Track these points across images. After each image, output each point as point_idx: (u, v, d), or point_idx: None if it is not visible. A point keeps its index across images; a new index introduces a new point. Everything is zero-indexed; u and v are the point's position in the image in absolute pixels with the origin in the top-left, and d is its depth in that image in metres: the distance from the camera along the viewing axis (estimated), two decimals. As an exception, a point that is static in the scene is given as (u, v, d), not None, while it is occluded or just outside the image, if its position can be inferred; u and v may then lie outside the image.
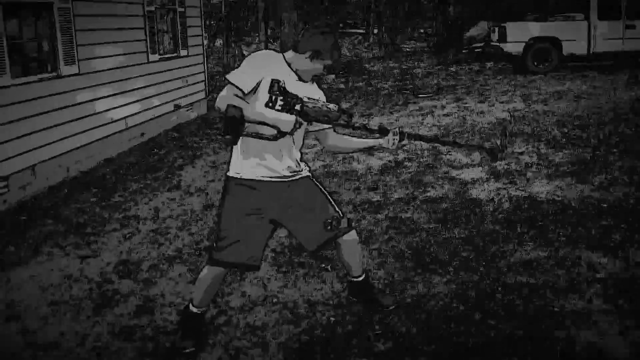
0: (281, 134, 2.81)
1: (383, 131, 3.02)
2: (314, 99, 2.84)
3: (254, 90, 2.80)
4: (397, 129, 3.02)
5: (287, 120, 2.77)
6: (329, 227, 3.01)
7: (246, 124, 2.77)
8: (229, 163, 3.01)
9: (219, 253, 2.97)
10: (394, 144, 3.01)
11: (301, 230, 3.06)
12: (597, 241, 4.17)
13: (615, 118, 8.36)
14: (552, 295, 3.45)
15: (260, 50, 3.56)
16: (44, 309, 3.68)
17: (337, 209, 3.09)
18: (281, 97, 2.77)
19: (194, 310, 3.17)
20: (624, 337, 3.01)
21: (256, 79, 2.80)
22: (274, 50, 3.07)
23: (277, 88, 2.77)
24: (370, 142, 3.10)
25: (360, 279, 3.35)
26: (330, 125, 3.01)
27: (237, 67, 2.89)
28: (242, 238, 2.93)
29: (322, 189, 3.12)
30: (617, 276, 3.65)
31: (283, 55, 2.95)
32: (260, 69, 2.83)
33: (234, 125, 2.71)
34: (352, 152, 2.96)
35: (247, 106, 2.74)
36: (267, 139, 2.83)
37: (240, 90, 2.79)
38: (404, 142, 3.03)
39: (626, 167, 5.95)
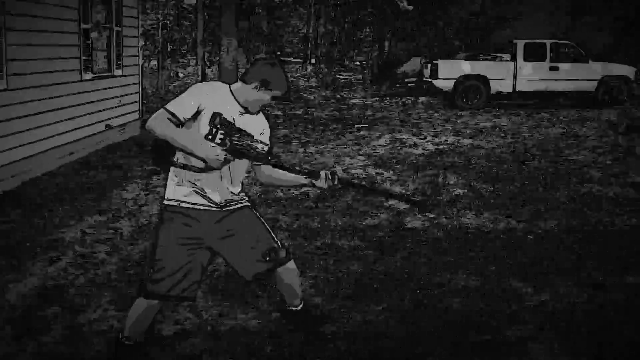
0: (209, 168, 2.79)
1: (314, 174, 3.02)
2: (246, 136, 2.81)
3: (193, 118, 2.78)
4: (328, 171, 3.02)
5: (215, 156, 2.72)
6: (267, 258, 2.98)
7: (176, 153, 2.74)
8: (164, 190, 2.94)
9: (154, 285, 2.86)
10: (328, 184, 3.01)
11: (238, 260, 3.01)
12: (525, 271, 4.33)
13: (539, 153, 8.80)
14: (485, 323, 3.54)
15: (197, 78, 3.53)
16: (-41, 336, 3.44)
17: (275, 239, 3.07)
18: (222, 131, 2.78)
19: (125, 342, 3.05)
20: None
21: (195, 107, 2.77)
22: (221, 81, 3.06)
23: (218, 121, 2.78)
24: (303, 180, 3.06)
25: (299, 308, 3.33)
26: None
27: (175, 96, 2.84)
28: (178, 269, 2.84)
29: (261, 218, 3.10)
30: (545, 305, 3.80)
31: (229, 87, 2.93)
32: (202, 98, 2.81)
33: (161, 155, 2.73)
34: (286, 187, 2.95)
35: (178, 133, 2.71)
36: (195, 170, 2.80)
37: (176, 117, 2.74)
38: (336, 185, 3.04)
39: (551, 200, 6.26)
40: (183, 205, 2.88)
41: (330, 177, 3.00)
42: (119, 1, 9.76)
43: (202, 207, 2.90)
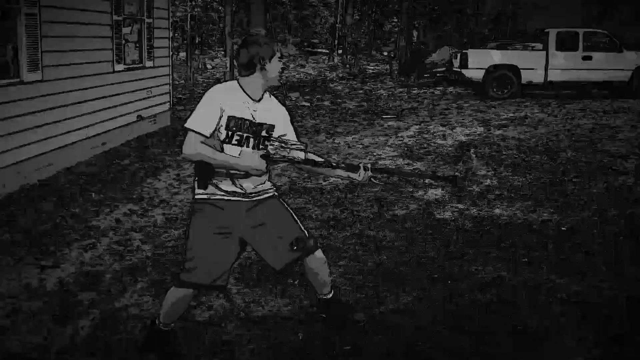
0: (249, 175, 2.89)
1: (353, 168, 3.04)
2: (282, 144, 2.88)
3: (217, 128, 2.85)
4: (368, 165, 3.04)
5: (258, 167, 2.84)
6: (295, 248, 3.02)
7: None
8: (194, 182, 2.99)
9: (187, 274, 2.92)
10: (365, 178, 3.04)
11: (267, 250, 3.05)
12: (558, 263, 4.29)
13: (572, 144, 8.66)
14: (517, 314, 3.53)
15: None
16: (2, 319, 3.55)
17: (302, 229, 3.09)
18: (237, 133, 2.87)
19: (161, 327, 3.13)
20: (585, 356, 3.10)
21: (216, 119, 2.83)
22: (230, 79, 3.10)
23: (233, 124, 2.86)
24: (341, 172, 3.08)
25: (329, 296, 3.36)
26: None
27: (193, 109, 2.88)
28: (209, 259, 2.90)
29: (288, 208, 3.13)
30: (577, 297, 3.76)
31: (238, 82, 2.96)
32: (219, 105, 2.85)
33: (205, 174, 2.85)
34: (321, 175, 3.00)
35: (216, 154, 2.82)
36: (239, 176, 2.91)
37: (203, 135, 2.81)
38: (373, 176, 3.07)
39: (583, 191, 6.16)
40: (213, 197, 2.94)
41: (368, 170, 3.03)
42: (149, -7, 9.87)
43: (232, 198, 2.95)
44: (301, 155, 2.92)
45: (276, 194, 3.13)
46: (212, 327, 3.46)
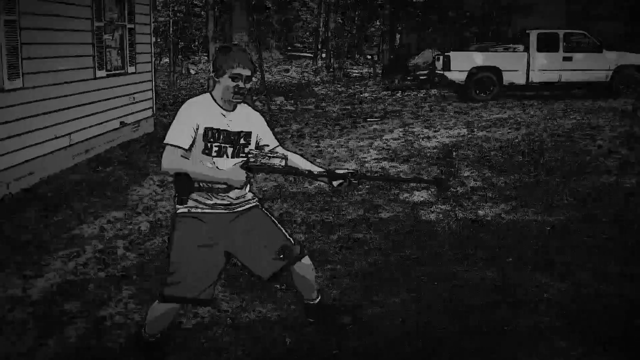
0: (230, 188, 2.88)
1: (338, 177, 3.02)
2: (261, 155, 2.86)
3: (194, 142, 2.84)
4: (355, 174, 3.02)
5: (238, 179, 2.82)
6: (281, 256, 2.99)
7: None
8: (174, 197, 2.97)
9: (170, 289, 2.88)
10: (350, 188, 3.00)
11: (253, 260, 3.02)
12: (543, 262, 4.32)
13: (555, 145, 8.75)
14: (504, 315, 3.54)
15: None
16: (-16, 331, 3.50)
17: (288, 237, 3.07)
18: (216, 144, 2.87)
19: (147, 337, 3.11)
20: (572, 354, 3.12)
21: (192, 131, 2.82)
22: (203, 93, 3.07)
23: (210, 135, 2.85)
24: (324, 179, 3.09)
25: (316, 301, 3.35)
26: (275, 146, 3.09)
27: (170, 124, 2.87)
28: (193, 273, 2.87)
29: (272, 217, 3.12)
30: (564, 296, 3.79)
31: (211, 94, 2.95)
32: (193, 118, 2.84)
33: (184, 187, 2.82)
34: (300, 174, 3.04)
35: (195, 167, 2.82)
36: (220, 190, 2.90)
37: (182, 148, 2.80)
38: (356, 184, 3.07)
39: (567, 191, 6.22)
40: (194, 210, 2.92)
41: (354, 179, 3.01)
42: (131, -1, 9.81)
43: (213, 211, 2.94)
44: (282, 163, 2.89)
45: (258, 203, 3.11)
46: (199, 333, 3.43)
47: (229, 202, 2.96)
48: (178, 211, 2.94)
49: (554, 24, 16.54)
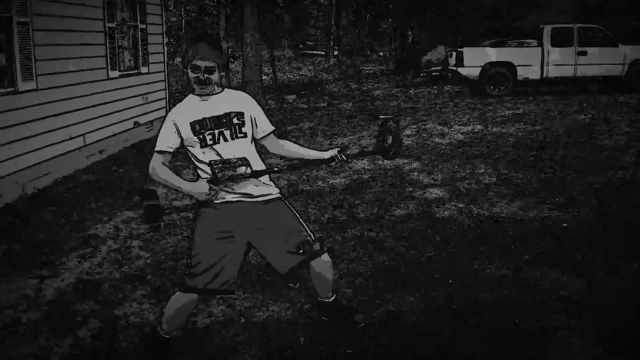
0: (251, 177, 2.93)
1: (327, 160, 3.13)
2: (226, 167, 2.89)
3: (182, 141, 2.93)
4: (339, 150, 3.11)
5: (200, 191, 2.88)
6: (302, 251, 2.96)
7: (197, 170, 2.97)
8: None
9: (192, 279, 2.90)
10: (337, 163, 3.14)
11: (273, 254, 2.99)
12: (559, 259, 4.26)
13: (570, 140, 8.64)
14: (519, 313, 3.50)
15: None
16: (1, 330, 3.51)
17: (309, 232, 3.04)
18: (207, 133, 2.90)
19: (162, 334, 3.10)
20: (589, 354, 3.07)
21: (173, 131, 2.92)
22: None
23: (198, 127, 2.90)
24: (315, 156, 3.19)
25: (331, 299, 3.33)
26: (271, 131, 3.14)
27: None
28: (215, 263, 2.87)
29: (294, 211, 3.09)
30: (580, 294, 3.74)
31: (193, 90, 3.00)
32: (174, 119, 2.93)
33: (153, 214, 2.96)
34: (296, 159, 3.12)
35: (169, 177, 2.93)
36: (239, 181, 2.94)
37: (166, 153, 2.93)
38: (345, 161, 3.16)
39: (583, 187, 6.14)
40: (216, 201, 2.93)
41: (341, 157, 3.12)
42: (142, -1, 9.85)
43: (234, 200, 2.94)
44: (248, 170, 2.92)
45: (281, 196, 3.10)
46: (213, 333, 3.43)
47: (250, 194, 2.96)
48: (201, 202, 2.95)
49: (568, 19, 16.35)
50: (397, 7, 23.78)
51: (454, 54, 15.28)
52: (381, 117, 3.45)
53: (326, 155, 3.14)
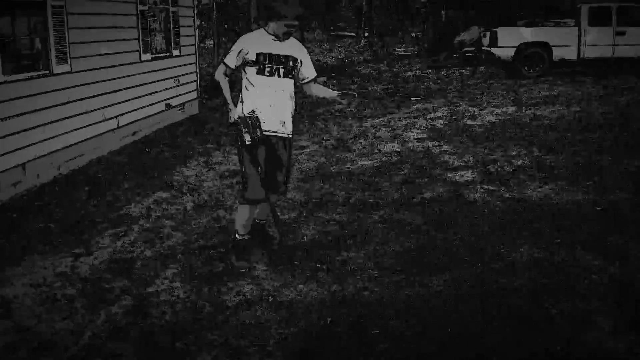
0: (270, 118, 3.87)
1: (344, 95, 4.01)
2: (251, 122, 3.79)
3: (244, 61, 3.80)
4: (350, 89, 3.59)
5: (232, 114, 3.89)
6: (280, 190, 4.05)
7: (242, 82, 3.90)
8: (241, 106, 3.88)
9: (248, 193, 3.85)
10: (349, 100, 4.03)
11: (266, 176, 3.88)
12: (593, 243, 4.19)
13: (607, 123, 8.43)
14: (550, 297, 3.45)
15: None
16: (36, 306, 3.63)
17: (287, 177, 4.08)
18: (268, 65, 3.77)
19: (240, 237, 4.07)
20: (622, 339, 3.02)
21: (239, 53, 3.79)
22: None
23: (262, 59, 3.76)
24: (335, 96, 4.02)
25: (262, 223, 4.30)
26: (313, 78, 4.03)
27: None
28: (256, 179, 3.82)
29: (290, 155, 4.02)
30: (613, 278, 3.67)
31: (264, 28, 3.86)
32: (245, 44, 3.82)
33: (255, 124, 3.79)
34: (322, 98, 4.26)
35: (224, 86, 3.94)
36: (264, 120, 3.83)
37: (228, 66, 3.88)
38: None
39: (619, 171, 6.00)
40: (254, 137, 3.78)
41: (354, 96, 4.03)
42: (174, -19, 9.89)
43: (269, 133, 3.86)
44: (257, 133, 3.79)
45: (291, 137, 3.97)
46: (240, 311, 3.47)
47: (277, 131, 3.86)
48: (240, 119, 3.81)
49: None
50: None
51: (488, 34, 14.98)
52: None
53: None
